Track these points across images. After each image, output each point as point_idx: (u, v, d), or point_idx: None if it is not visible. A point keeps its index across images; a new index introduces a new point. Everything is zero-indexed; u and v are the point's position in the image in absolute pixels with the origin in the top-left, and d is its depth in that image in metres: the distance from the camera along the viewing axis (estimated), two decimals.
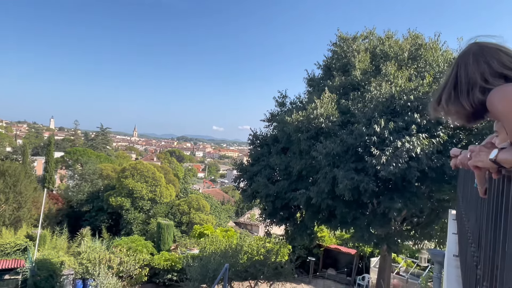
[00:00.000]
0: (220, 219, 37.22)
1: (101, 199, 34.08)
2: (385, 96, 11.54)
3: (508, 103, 1.33)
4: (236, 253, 16.75)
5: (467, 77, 1.52)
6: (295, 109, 13.68)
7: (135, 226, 31.41)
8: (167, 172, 38.30)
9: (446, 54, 13.24)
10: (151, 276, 22.98)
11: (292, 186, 12.88)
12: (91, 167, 39.92)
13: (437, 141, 10.55)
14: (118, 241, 25.97)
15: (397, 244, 13.52)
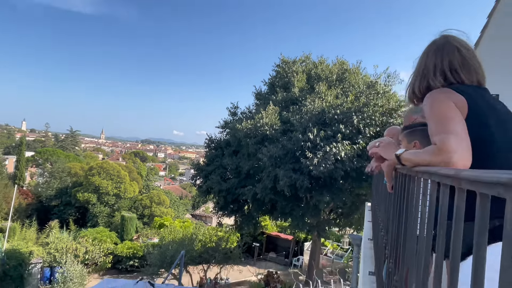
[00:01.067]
0: (178, 211, 36.40)
1: (69, 194, 32.17)
2: (318, 110, 11.89)
3: (430, 109, 1.32)
4: (192, 241, 16.50)
5: (425, 66, 1.49)
6: (244, 118, 13.70)
7: (101, 219, 30.01)
8: (131, 170, 36.91)
9: (365, 78, 13.86)
10: (115, 263, 22.03)
11: (241, 183, 12.91)
12: (60, 166, 37.50)
13: (357, 147, 11.03)
14: (84, 232, 24.62)
15: (325, 230, 14.00)
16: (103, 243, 22.28)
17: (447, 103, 1.29)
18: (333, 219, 13.84)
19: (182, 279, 12.57)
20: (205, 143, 15.08)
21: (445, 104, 1.29)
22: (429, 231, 0.96)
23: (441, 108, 1.29)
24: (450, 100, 1.29)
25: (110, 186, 31.45)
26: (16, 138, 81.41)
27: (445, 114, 1.26)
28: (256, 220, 14.96)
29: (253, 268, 21.18)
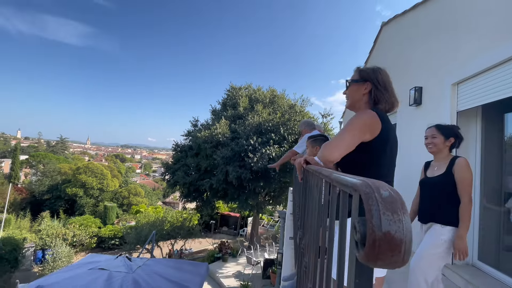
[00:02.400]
0: (152, 200, 34.68)
1: (59, 190, 29.13)
2: (256, 123, 12.11)
3: (344, 126, 1.33)
4: (162, 222, 15.73)
5: (390, 85, 1.44)
6: (203, 128, 13.47)
7: (87, 209, 27.53)
8: (112, 169, 34.45)
9: (288, 101, 14.38)
10: (99, 243, 20.29)
11: (201, 177, 12.65)
12: (52, 166, 33.81)
13: (283, 149, 11.43)
14: (72, 220, 22.39)
15: (262, 208, 14.21)
16: (88, 227, 20.43)
17: (360, 125, 1.26)
18: (267, 200, 14.08)
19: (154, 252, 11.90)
20: (172, 147, 14.50)
21: (357, 125, 1.27)
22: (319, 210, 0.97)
23: (351, 129, 1.26)
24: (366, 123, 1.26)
25: (95, 182, 29.28)
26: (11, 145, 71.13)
27: (350, 132, 1.26)
28: (212, 204, 14.74)
29: (210, 239, 20.77)
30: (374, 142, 1.25)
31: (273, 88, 15.24)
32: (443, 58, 3.85)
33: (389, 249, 0.34)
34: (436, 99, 3.93)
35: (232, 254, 13.18)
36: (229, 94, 15.08)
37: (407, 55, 5.13)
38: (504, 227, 3.10)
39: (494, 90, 2.85)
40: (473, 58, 3.16)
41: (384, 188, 0.39)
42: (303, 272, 1.60)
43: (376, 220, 0.35)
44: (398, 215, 0.35)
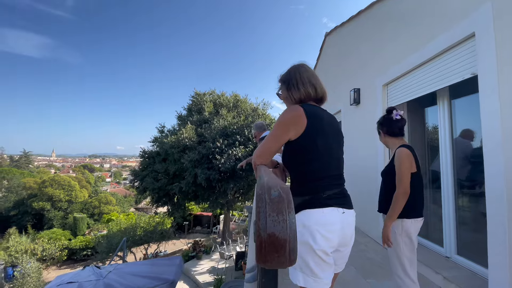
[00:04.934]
0: (124, 207, 32.53)
1: (25, 205, 26.17)
2: (222, 126, 11.92)
3: (275, 125, 1.21)
4: (135, 228, 14.78)
5: (295, 78, 1.28)
6: (170, 134, 12.93)
7: (55, 222, 25.02)
8: (80, 180, 31.68)
9: (250, 105, 14.39)
10: (70, 255, 18.58)
11: (170, 182, 12.10)
12: (16, 182, 30.28)
13: (248, 149, 11.41)
14: (41, 234, 20.16)
15: (232, 206, 14.04)
16: (58, 240, 18.53)
17: (281, 124, 1.18)
18: (237, 197, 13.96)
19: (127, 258, 11.13)
20: (140, 154, 13.69)
21: (279, 125, 1.19)
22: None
23: (275, 127, 1.20)
24: (286, 122, 1.17)
25: (62, 194, 26.79)
26: None
27: (273, 132, 1.20)
28: (184, 206, 14.20)
29: (185, 240, 20.09)
30: (301, 139, 1.16)
31: (236, 93, 15.16)
32: (374, 62, 4.14)
33: (274, 250, 0.31)
34: (371, 98, 4.20)
35: (205, 252, 12.84)
36: (194, 100, 14.66)
37: (347, 61, 5.43)
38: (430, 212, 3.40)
39: (415, 88, 3.12)
40: (397, 62, 3.44)
41: (275, 188, 0.37)
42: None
43: (263, 222, 0.32)
44: (283, 215, 0.33)
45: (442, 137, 2.97)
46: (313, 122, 1.16)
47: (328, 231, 1.10)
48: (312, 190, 1.15)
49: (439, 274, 2.53)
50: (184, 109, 15.11)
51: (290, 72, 1.33)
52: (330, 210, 1.12)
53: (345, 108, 5.33)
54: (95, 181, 40.79)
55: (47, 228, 23.44)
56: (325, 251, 1.09)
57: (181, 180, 11.58)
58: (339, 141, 1.28)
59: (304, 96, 1.27)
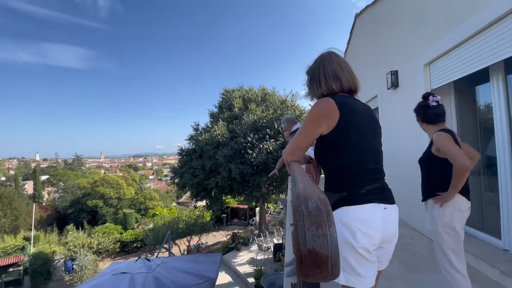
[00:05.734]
0: (166, 202, 34.78)
1: (81, 203, 29.32)
2: (251, 121, 12.03)
3: (304, 119, 1.15)
4: (177, 222, 15.76)
5: (318, 73, 1.21)
6: (204, 132, 13.42)
7: (108, 217, 27.65)
8: (127, 178, 34.55)
9: (279, 97, 14.26)
10: (122, 247, 20.38)
11: (206, 177, 12.62)
12: (71, 183, 34.06)
13: (279, 142, 11.36)
14: (96, 229, 22.48)
15: (267, 198, 14.20)
16: (111, 234, 20.50)
17: (312, 118, 1.11)
18: (271, 190, 14.07)
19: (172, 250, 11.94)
20: (178, 152, 14.46)
21: (309, 119, 1.12)
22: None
23: (306, 122, 1.13)
24: (317, 115, 1.10)
25: (112, 192, 29.42)
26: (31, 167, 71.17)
27: (303, 127, 1.14)
28: (221, 200, 14.73)
29: (224, 232, 20.88)
30: (333, 133, 1.09)
31: (264, 87, 15.13)
32: (413, 41, 3.78)
33: (316, 266, 0.29)
34: (411, 80, 3.87)
35: (244, 243, 13.23)
36: (224, 97, 14.97)
37: (381, 42, 5.05)
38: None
39: (463, 65, 2.79)
40: (441, 38, 3.10)
41: (313, 199, 0.35)
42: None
43: (302, 237, 0.31)
44: (323, 229, 0.31)
45: (497, 117, 2.63)
46: (346, 114, 1.08)
47: (369, 228, 1.05)
48: (349, 186, 1.10)
49: (495, 268, 2.28)
50: (215, 107, 15.55)
51: (314, 66, 1.26)
52: (370, 206, 1.07)
53: (382, 93, 4.99)
54: (139, 179, 44.31)
55: (101, 223, 26.07)
56: (367, 249, 1.05)
57: (217, 175, 12.00)
58: (375, 133, 1.19)
59: (326, 92, 1.19)
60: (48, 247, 16.16)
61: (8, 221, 21.86)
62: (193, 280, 3.92)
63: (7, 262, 13.87)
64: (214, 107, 15.49)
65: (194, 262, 4.70)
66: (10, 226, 21.77)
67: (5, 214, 21.73)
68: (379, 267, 1.18)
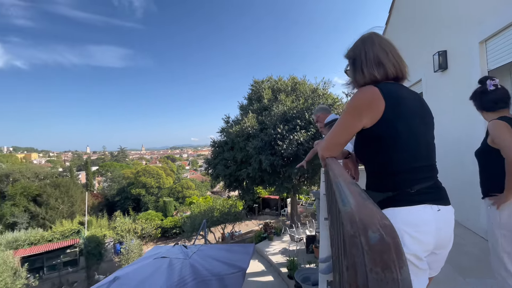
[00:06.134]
0: (201, 191, 36.48)
1: (126, 192, 32.11)
2: (281, 112, 11.84)
3: (344, 110, 1.03)
4: (212, 210, 16.42)
5: (359, 59, 1.08)
6: (234, 124, 13.59)
7: (150, 205, 29.95)
8: (166, 169, 36.90)
9: (309, 86, 13.78)
10: (163, 233, 21.97)
11: (238, 168, 12.81)
12: (117, 173, 37.30)
13: (310, 133, 11.04)
14: (139, 215, 24.48)
15: (298, 190, 14.03)
16: (153, 221, 22.15)
17: (353, 110, 0.99)
18: (302, 182, 13.85)
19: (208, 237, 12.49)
20: (210, 144, 14.90)
21: (349, 111, 1.00)
22: None
23: (345, 114, 1.01)
24: (359, 107, 0.97)
25: (153, 182, 31.62)
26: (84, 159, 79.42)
27: (342, 120, 1.02)
28: (252, 190, 14.92)
29: (256, 221, 21.31)
30: (378, 126, 0.96)
31: (294, 76, 14.72)
32: (465, 15, 3.30)
33: None
34: (463, 60, 3.41)
35: (276, 233, 13.32)
36: (253, 89, 14.91)
37: (426, 19, 4.52)
38: None
39: None
40: (500, 10, 2.65)
41: (374, 227, 0.27)
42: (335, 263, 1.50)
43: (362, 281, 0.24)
44: (392, 271, 0.24)
45: None
46: (393, 104, 0.95)
47: (420, 233, 0.94)
48: (396, 185, 0.98)
49: None
50: (245, 99, 15.59)
51: (355, 50, 1.11)
52: (421, 208, 0.95)
53: (427, 76, 4.51)
54: (177, 169, 46.99)
55: (143, 210, 28.34)
56: (417, 255, 0.94)
57: (248, 167, 12.12)
58: (427, 124, 1.05)
59: (369, 80, 1.05)
60: (100, 231, 18.01)
61: (65, 207, 24.77)
62: (226, 269, 4.06)
63: (65, 244, 15.70)
64: (243, 99, 15.55)
65: (228, 251, 4.85)
66: (67, 211, 24.65)
67: (63, 201, 24.63)
68: (430, 274, 1.07)
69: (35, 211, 23.21)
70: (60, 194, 24.90)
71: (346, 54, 1.16)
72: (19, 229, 19.10)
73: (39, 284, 10.86)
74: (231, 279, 3.89)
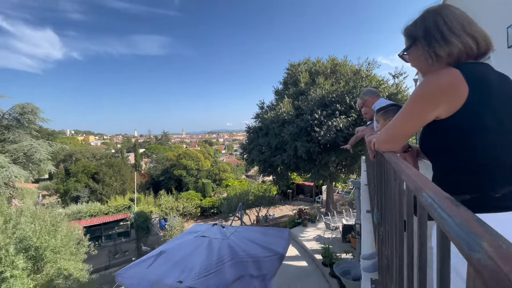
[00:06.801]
0: (236, 174, 37.64)
1: (169, 172, 34.55)
2: (319, 96, 11.33)
3: (411, 97, 0.89)
4: (247, 194, 16.86)
5: (438, 30, 0.89)
6: (269, 109, 13.45)
7: (190, 185, 31.90)
8: (204, 152, 38.62)
9: (351, 67, 12.89)
10: (202, 212, 23.31)
11: (273, 154, 12.77)
12: (161, 155, 40.13)
13: (351, 119, 10.43)
14: (181, 195, 26.28)
15: (335, 178, 13.59)
16: (193, 200, 23.57)
17: (426, 97, 0.84)
18: (339, 170, 13.36)
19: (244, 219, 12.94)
20: (245, 129, 15.05)
21: (421, 98, 0.85)
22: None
23: (414, 101, 0.87)
24: (435, 93, 0.82)
25: (193, 164, 33.38)
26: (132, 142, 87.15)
27: (410, 108, 0.88)
28: (286, 176, 14.89)
29: (289, 206, 21.41)
30: (458, 116, 0.81)
31: (334, 57, 13.83)
32: None
33: None
34: None
35: (310, 220, 13.26)
36: (289, 72, 14.46)
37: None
38: None
39: None
40: None
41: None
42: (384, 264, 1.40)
43: None
44: None
45: None
46: (478, 89, 0.79)
47: None
48: (475, 187, 0.82)
49: None
50: (280, 83, 15.26)
51: (427, 19, 0.92)
52: (509, 215, 0.78)
53: (498, 53, 3.85)
54: (214, 153, 49.08)
55: (185, 190, 30.38)
56: None
57: (283, 153, 12.03)
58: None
59: (460, 52, 0.87)
60: (147, 207, 19.83)
61: (118, 184, 27.69)
62: (262, 252, 4.16)
63: (119, 217, 17.67)
64: (279, 84, 15.25)
65: (263, 234, 4.96)
66: (119, 188, 27.57)
67: (116, 179, 27.56)
68: None
69: (94, 187, 26.39)
70: (113, 173, 27.86)
71: (409, 30, 0.98)
72: (81, 202, 21.99)
73: (98, 251, 12.46)
74: (267, 262, 3.99)
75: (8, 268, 4.22)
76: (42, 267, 5.04)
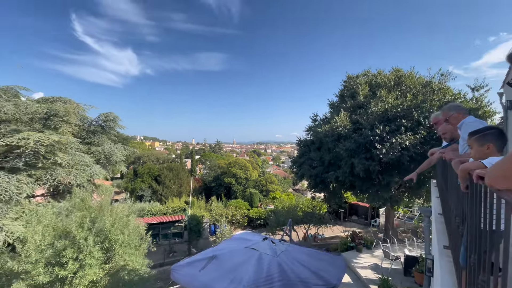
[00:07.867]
0: (283, 187, 37.14)
1: (220, 179, 36.04)
2: (381, 110, 10.47)
3: None
4: (295, 209, 16.38)
5: None
6: (323, 123, 12.98)
7: (238, 193, 32.58)
8: (252, 162, 39.43)
9: (419, 79, 11.67)
10: (249, 222, 23.45)
11: (325, 170, 12.17)
12: (214, 163, 42.37)
13: (419, 136, 9.31)
14: (230, 202, 27.00)
15: (397, 202, 12.16)
16: (240, 209, 23.97)
17: None
18: (402, 192, 11.96)
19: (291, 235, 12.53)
20: (296, 142, 14.78)
21: None
22: None
23: None
24: None
25: (242, 173, 34.23)
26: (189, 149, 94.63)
27: None
28: (340, 194, 13.98)
29: (341, 227, 19.97)
30: None
31: (398, 68, 12.75)
32: None
33: None
34: None
35: (366, 245, 12.05)
36: (346, 85, 13.82)
37: None
38: None
39: None
40: None
41: None
42: None
43: None
44: None
45: None
46: None
47: None
48: None
49: None
50: (335, 96, 14.69)
51: None
52: None
53: None
54: (261, 163, 49.71)
55: (233, 198, 31.24)
56: None
57: (337, 169, 11.37)
58: None
59: None
60: (199, 211, 20.94)
61: (176, 187, 30.14)
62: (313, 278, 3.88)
63: (175, 218, 19.01)
64: (334, 96, 14.67)
65: (315, 258, 4.65)
66: (177, 191, 29.94)
67: (174, 182, 30.07)
68: None
69: (155, 188, 29.27)
70: (173, 176, 30.55)
71: None
72: (144, 201, 24.52)
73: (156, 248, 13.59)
74: None
75: (87, 257, 4.88)
76: (111, 258, 5.69)
